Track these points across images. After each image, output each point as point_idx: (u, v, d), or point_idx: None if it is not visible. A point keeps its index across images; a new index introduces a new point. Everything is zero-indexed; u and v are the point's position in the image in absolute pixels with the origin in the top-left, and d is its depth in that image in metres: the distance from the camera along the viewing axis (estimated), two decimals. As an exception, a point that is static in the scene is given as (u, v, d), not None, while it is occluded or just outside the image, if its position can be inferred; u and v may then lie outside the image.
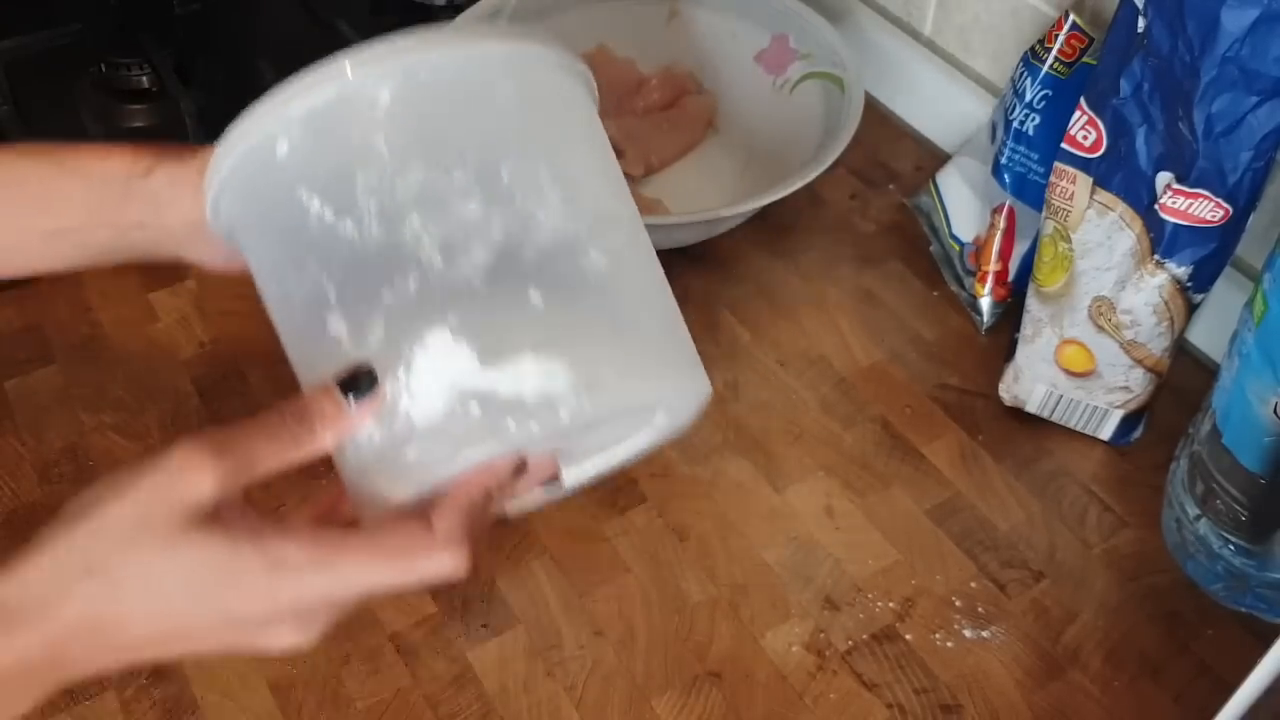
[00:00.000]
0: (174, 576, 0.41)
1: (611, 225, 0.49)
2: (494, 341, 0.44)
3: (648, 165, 0.89)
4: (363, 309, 0.44)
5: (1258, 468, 0.60)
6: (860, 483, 0.72)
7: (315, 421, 0.43)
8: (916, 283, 0.84)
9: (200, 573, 0.41)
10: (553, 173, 0.47)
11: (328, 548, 0.43)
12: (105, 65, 0.90)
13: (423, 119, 0.46)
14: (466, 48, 0.47)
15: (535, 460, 0.48)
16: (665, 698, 0.62)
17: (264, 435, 0.43)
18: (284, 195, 0.46)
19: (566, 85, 0.50)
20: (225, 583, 0.42)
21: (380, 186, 0.45)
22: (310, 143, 0.45)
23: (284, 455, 0.43)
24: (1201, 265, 0.63)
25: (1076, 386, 0.72)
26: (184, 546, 0.41)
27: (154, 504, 0.41)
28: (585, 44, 0.94)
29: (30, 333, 0.79)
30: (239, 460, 0.42)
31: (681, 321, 0.51)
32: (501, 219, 0.45)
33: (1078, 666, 0.64)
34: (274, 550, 0.42)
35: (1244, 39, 0.55)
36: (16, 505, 0.69)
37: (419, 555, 0.43)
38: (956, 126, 0.90)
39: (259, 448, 0.43)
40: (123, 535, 0.41)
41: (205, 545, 0.41)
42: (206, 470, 0.41)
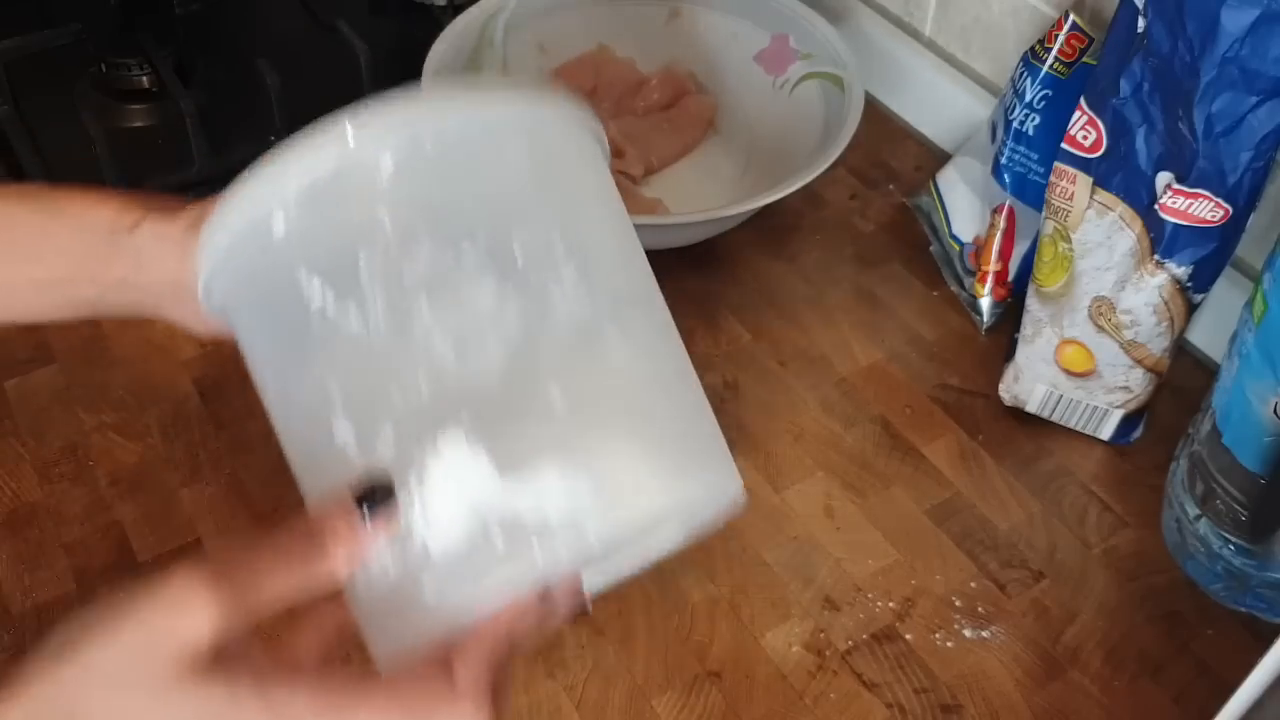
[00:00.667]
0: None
1: (629, 303, 0.45)
2: (513, 449, 0.40)
3: (648, 165, 0.89)
4: (370, 414, 0.40)
5: (1258, 468, 0.60)
6: (860, 483, 0.72)
7: (327, 540, 0.39)
8: (916, 283, 0.84)
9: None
10: (567, 245, 0.43)
11: (340, 699, 0.39)
12: (105, 65, 0.90)
13: (429, 190, 0.42)
14: (475, 110, 0.43)
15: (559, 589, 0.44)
16: (665, 698, 0.62)
17: (268, 559, 0.39)
18: (283, 279, 0.42)
19: (578, 146, 0.46)
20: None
21: (386, 270, 0.41)
22: (309, 219, 0.41)
23: (292, 581, 0.39)
24: (1201, 265, 0.63)
25: (1076, 386, 0.72)
26: (178, 696, 0.36)
27: (146, 646, 0.36)
28: (585, 44, 0.94)
29: (30, 333, 0.79)
30: (241, 591, 0.37)
31: (708, 410, 0.47)
32: (517, 303, 0.41)
33: (1078, 666, 0.64)
34: (279, 701, 0.38)
35: (1244, 39, 0.55)
36: (16, 505, 0.69)
37: (440, 709, 0.40)
38: (956, 126, 0.90)
39: (263, 574, 0.38)
40: (111, 680, 0.36)
41: (201, 695, 0.37)
42: (205, 606, 0.37)
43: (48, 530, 0.68)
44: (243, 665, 0.38)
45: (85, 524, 0.69)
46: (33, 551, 0.67)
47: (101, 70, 0.90)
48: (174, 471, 0.71)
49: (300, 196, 0.41)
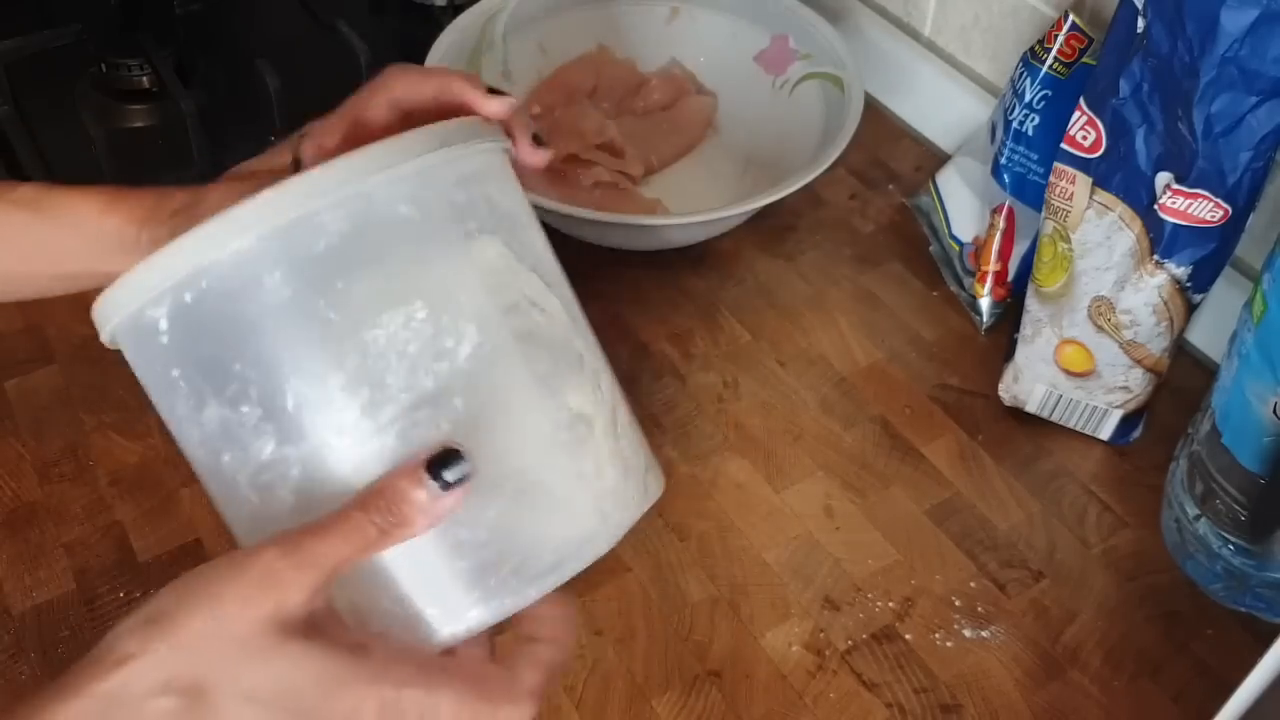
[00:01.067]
0: (273, 687, 0.38)
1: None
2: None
3: (648, 165, 0.89)
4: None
5: (1257, 467, 0.60)
6: (860, 483, 0.72)
7: (403, 512, 0.40)
8: (916, 283, 0.84)
9: (299, 684, 0.39)
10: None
11: (428, 669, 0.41)
12: (105, 65, 0.90)
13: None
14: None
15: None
16: (665, 698, 0.62)
17: (345, 535, 0.40)
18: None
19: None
20: (321, 694, 0.39)
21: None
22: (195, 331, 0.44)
23: (368, 553, 0.41)
24: (1201, 265, 0.63)
25: (1076, 386, 0.72)
26: (284, 658, 0.38)
27: (243, 618, 0.38)
28: (585, 44, 0.94)
29: (30, 333, 0.79)
30: (322, 568, 0.39)
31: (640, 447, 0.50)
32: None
33: (1077, 666, 0.64)
34: (378, 660, 0.40)
35: (1243, 39, 0.55)
36: (17, 505, 0.69)
37: (505, 702, 0.42)
38: (956, 126, 0.91)
39: (341, 550, 0.40)
40: (211, 650, 0.38)
41: (306, 655, 0.39)
42: (292, 583, 0.39)
43: (48, 530, 0.68)
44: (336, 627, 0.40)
45: (85, 524, 0.69)
46: (33, 551, 0.67)
47: (101, 70, 0.90)
48: (174, 471, 0.71)
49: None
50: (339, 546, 0.40)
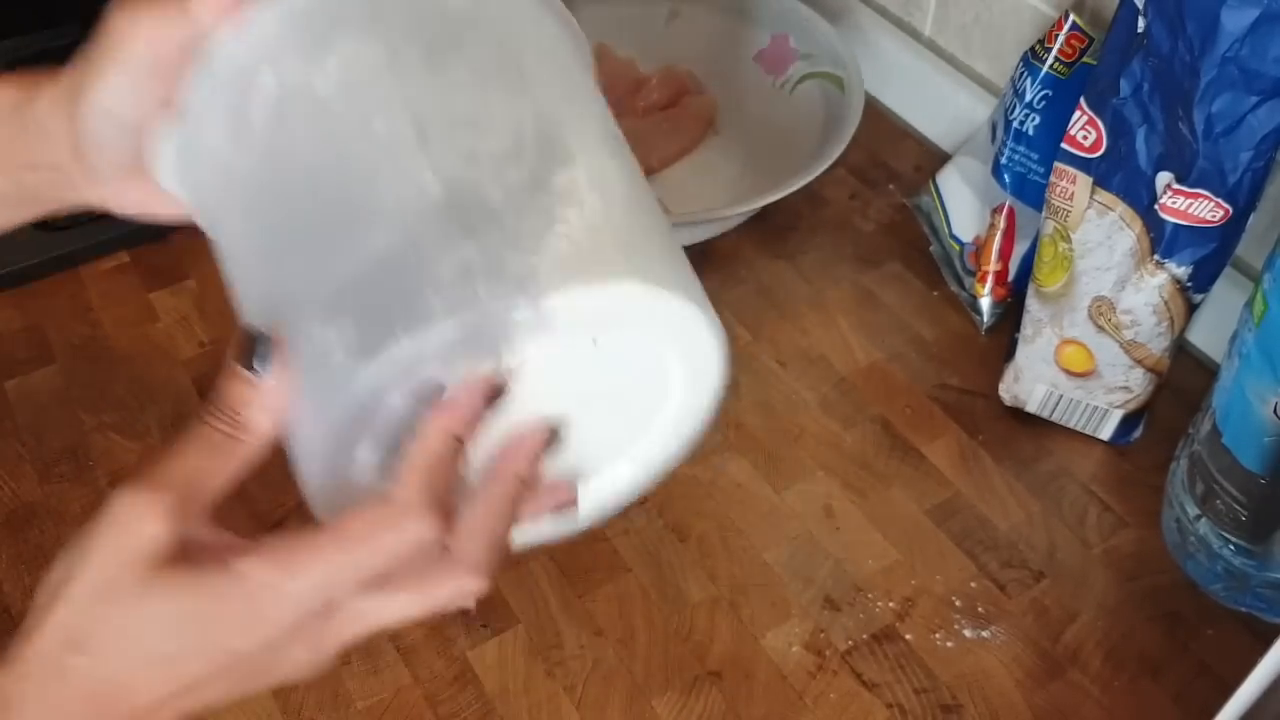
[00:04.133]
0: (154, 627, 0.38)
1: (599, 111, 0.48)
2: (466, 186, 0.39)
3: (648, 165, 0.89)
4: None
5: (1258, 468, 0.60)
6: (860, 483, 0.72)
7: (239, 411, 0.39)
8: (916, 283, 0.84)
9: (180, 617, 0.39)
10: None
11: (287, 549, 0.39)
12: (105, 65, 0.90)
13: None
14: None
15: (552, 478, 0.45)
16: (665, 698, 0.62)
17: (194, 447, 0.39)
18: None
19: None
20: (209, 618, 0.39)
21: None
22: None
23: (227, 463, 0.39)
24: (1201, 265, 0.63)
25: (1076, 386, 0.72)
26: (154, 595, 0.38)
27: (111, 564, 0.38)
28: (585, 44, 0.94)
29: (30, 333, 0.79)
30: (182, 489, 0.39)
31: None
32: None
33: (1078, 666, 0.64)
34: (244, 571, 0.39)
35: (1244, 39, 0.55)
36: (16, 505, 0.69)
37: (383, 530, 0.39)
38: (956, 126, 0.90)
39: (195, 464, 0.39)
40: (92, 602, 0.38)
41: (175, 587, 0.38)
42: (152, 513, 0.38)
43: (48, 530, 0.68)
44: (208, 552, 0.39)
45: (85, 524, 0.68)
46: (33, 551, 0.67)
47: (101, 70, 0.90)
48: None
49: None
50: (190, 462, 0.39)
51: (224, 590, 0.39)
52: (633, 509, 0.70)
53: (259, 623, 0.39)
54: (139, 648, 0.39)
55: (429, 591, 0.41)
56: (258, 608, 0.39)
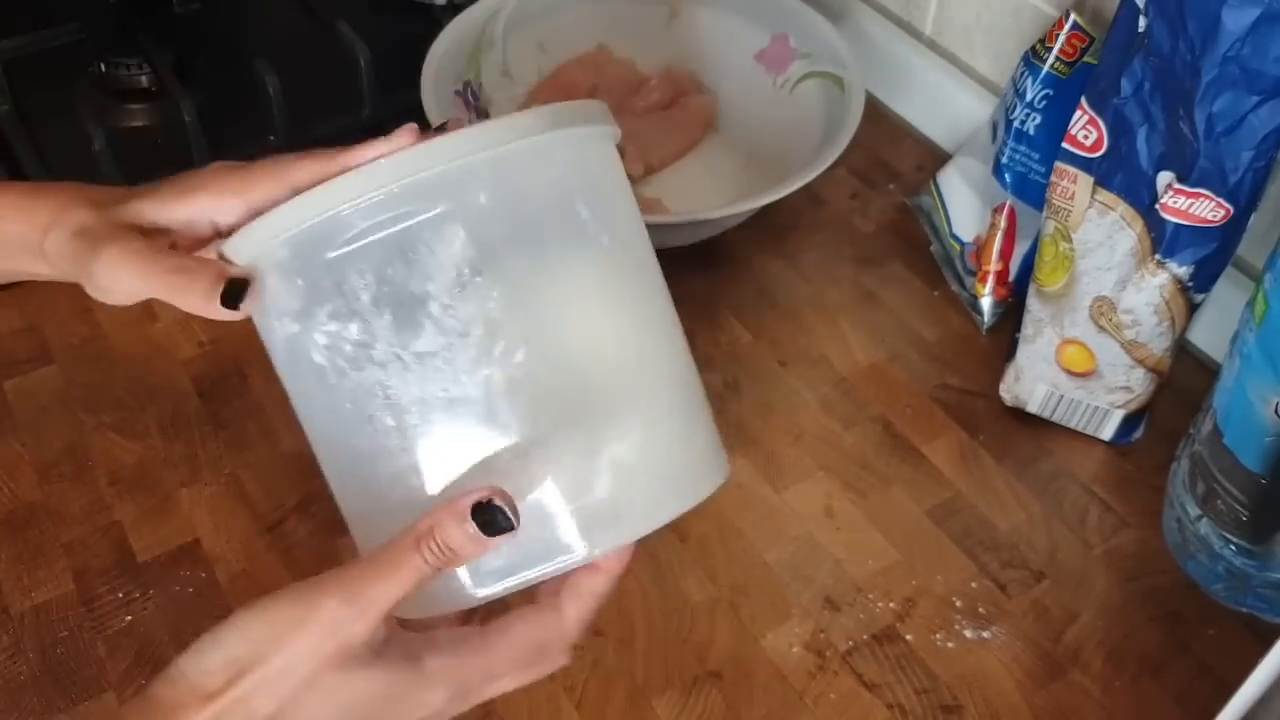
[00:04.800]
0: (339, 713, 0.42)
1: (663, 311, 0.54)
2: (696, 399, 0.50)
3: (648, 165, 0.89)
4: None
5: (1259, 468, 0.60)
6: (860, 483, 0.72)
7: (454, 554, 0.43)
8: (917, 283, 0.84)
9: (358, 705, 0.43)
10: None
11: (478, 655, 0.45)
12: (105, 65, 0.90)
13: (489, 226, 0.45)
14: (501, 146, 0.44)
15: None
16: (665, 698, 0.62)
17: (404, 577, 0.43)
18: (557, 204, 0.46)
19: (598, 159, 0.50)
20: (382, 707, 0.43)
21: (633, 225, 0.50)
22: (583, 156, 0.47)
23: (420, 587, 0.43)
24: (1202, 265, 0.63)
25: (1077, 386, 0.72)
26: (348, 688, 0.42)
27: (315, 658, 0.41)
28: (585, 44, 0.94)
29: (30, 333, 0.79)
30: (382, 607, 0.42)
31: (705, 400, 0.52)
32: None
33: (1078, 666, 0.64)
34: (431, 666, 0.44)
35: (1245, 38, 0.55)
36: (16, 505, 0.69)
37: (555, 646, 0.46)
38: (957, 126, 0.90)
39: (401, 591, 0.43)
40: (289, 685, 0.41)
41: (367, 681, 0.42)
42: (357, 628, 0.42)
43: (47, 530, 0.68)
44: (392, 644, 0.43)
45: (85, 524, 0.69)
46: (32, 551, 0.67)
47: (101, 70, 0.90)
48: (173, 471, 0.71)
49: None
50: (397, 587, 0.42)
51: (411, 687, 0.44)
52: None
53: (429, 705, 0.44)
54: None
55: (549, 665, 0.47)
56: (429, 699, 0.44)
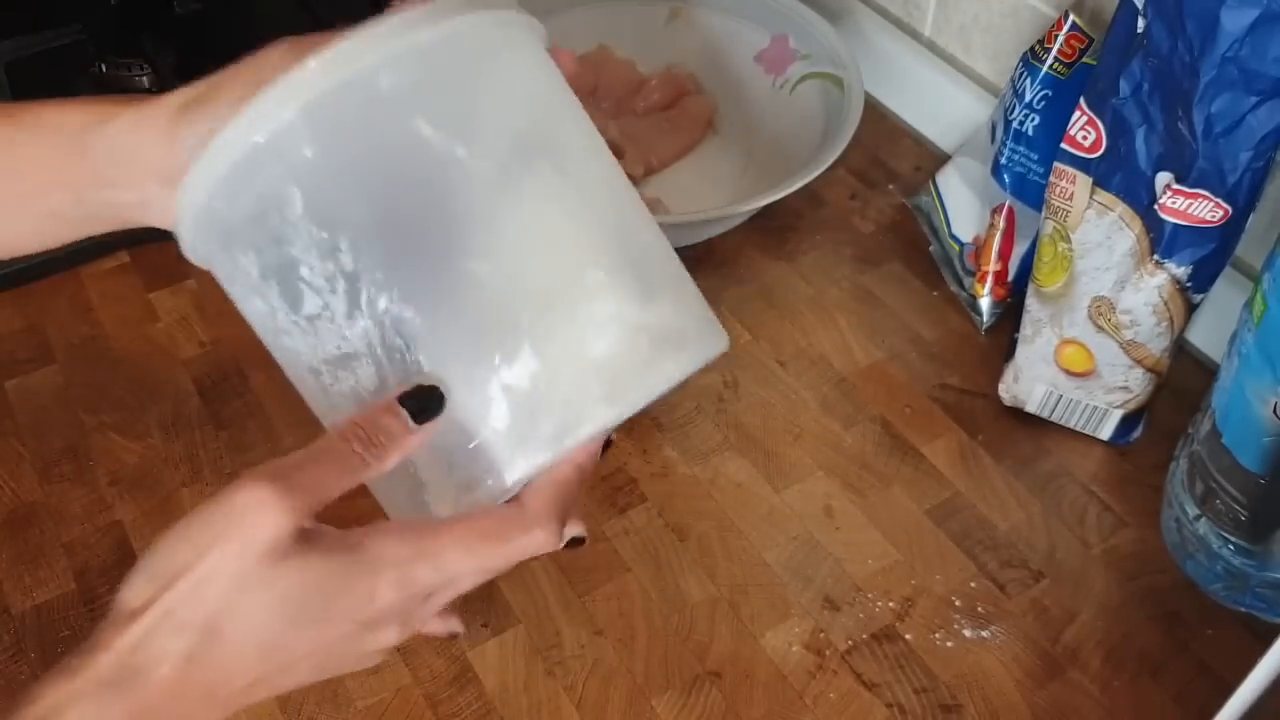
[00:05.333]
0: (268, 609, 0.40)
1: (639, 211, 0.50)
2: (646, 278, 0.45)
3: (648, 165, 0.89)
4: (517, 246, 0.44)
5: (1257, 468, 0.60)
6: (860, 483, 0.72)
7: (384, 444, 0.42)
8: (916, 283, 0.84)
9: (296, 596, 0.41)
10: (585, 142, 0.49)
11: (426, 538, 0.42)
12: (105, 65, 0.90)
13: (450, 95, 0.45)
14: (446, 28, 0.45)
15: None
16: (665, 698, 0.62)
17: (328, 464, 0.42)
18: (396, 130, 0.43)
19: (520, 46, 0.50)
20: (328, 601, 0.41)
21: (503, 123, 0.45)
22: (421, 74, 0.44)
23: (349, 480, 0.42)
24: (1201, 265, 0.63)
25: (1076, 386, 0.72)
26: (272, 577, 0.40)
27: (234, 553, 0.40)
28: (585, 44, 0.94)
29: (30, 333, 0.79)
30: (309, 494, 0.41)
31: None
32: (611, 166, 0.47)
33: (1077, 666, 0.64)
34: (367, 548, 0.41)
35: (1243, 39, 0.55)
36: (16, 505, 0.69)
37: (515, 535, 0.43)
38: (956, 126, 0.90)
39: (324, 477, 0.41)
40: (210, 588, 0.40)
41: (301, 570, 0.40)
42: (279, 512, 0.40)
43: (48, 530, 0.68)
44: (325, 532, 0.41)
45: (85, 524, 0.69)
46: (33, 551, 0.67)
47: (101, 70, 0.90)
48: (174, 471, 0.71)
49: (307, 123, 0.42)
50: (325, 474, 0.41)
51: (353, 569, 0.41)
52: (633, 509, 0.70)
53: (375, 599, 0.41)
54: (244, 626, 0.40)
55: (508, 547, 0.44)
56: (379, 586, 0.41)
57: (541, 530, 0.43)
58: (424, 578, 0.42)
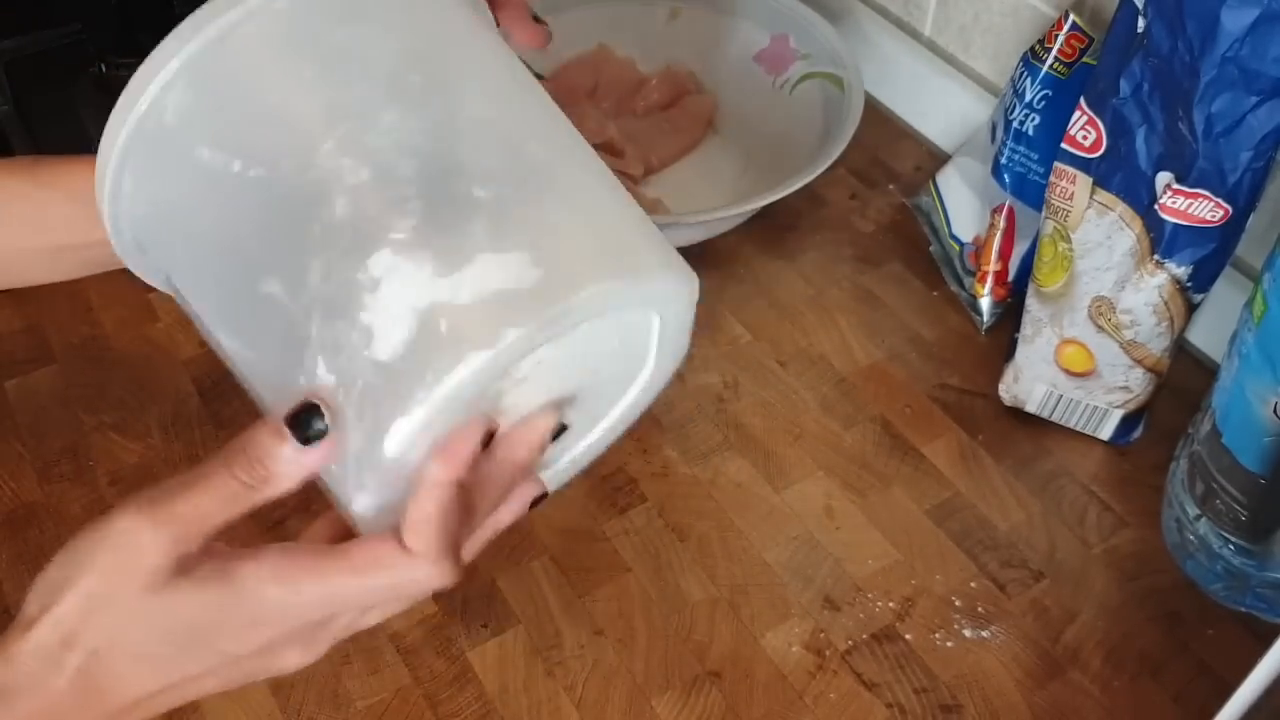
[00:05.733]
0: (153, 637, 0.40)
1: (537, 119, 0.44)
2: (446, 248, 0.38)
3: (648, 165, 0.89)
4: (291, 251, 0.40)
5: (1257, 467, 0.60)
6: (860, 483, 0.72)
7: (268, 469, 0.40)
8: (916, 283, 0.84)
9: (179, 626, 0.40)
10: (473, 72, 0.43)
11: (294, 568, 0.41)
12: (105, 65, 0.90)
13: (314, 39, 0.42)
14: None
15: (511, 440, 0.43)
16: (665, 698, 0.62)
17: (209, 492, 0.40)
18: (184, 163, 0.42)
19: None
20: (207, 627, 0.41)
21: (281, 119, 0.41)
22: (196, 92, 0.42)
23: (233, 508, 0.41)
24: (1201, 265, 0.63)
25: (1076, 386, 0.72)
26: (154, 608, 0.40)
27: (110, 578, 0.40)
28: (585, 44, 0.94)
29: (30, 333, 0.79)
30: (184, 523, 0.40)
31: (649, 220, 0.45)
32: (421, 123, 0.41)
33: (1077, 666, 0.64)
34: (240, 578, 0.40)
35: (1244, 39, 0.55)
36: (16, 505, 0.69)
37: (397, 571, 0.41)
38: (956, 126, 0.90)
39: (205, 506, 0.40)
40: (91, 607, 0.40)
41: (175, 600, 0.40)
42: (152, 543, 0.40)
43: (48, 530, 0.68)
44: (207, 563, 0.40)
45: (85, 524, 0.68)
46: (33, 551, 0.67)
47: (101, 70, 0.90)
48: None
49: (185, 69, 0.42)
50: (202, 503, 0.40)
51: (225, 600, 0.40)
52: (633, 509, 0.70)
53: (257, 629, 0.41)
54: (137, 652, 0.40)
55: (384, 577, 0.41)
56: (257, 617, 0.41)
57: (429, 564, 0.41)
58: (308, 607, 0.41)
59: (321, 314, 0.39)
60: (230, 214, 0.42)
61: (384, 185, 0.40)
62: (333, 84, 0.42)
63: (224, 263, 0.43)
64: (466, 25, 0.46)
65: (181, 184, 0.43)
